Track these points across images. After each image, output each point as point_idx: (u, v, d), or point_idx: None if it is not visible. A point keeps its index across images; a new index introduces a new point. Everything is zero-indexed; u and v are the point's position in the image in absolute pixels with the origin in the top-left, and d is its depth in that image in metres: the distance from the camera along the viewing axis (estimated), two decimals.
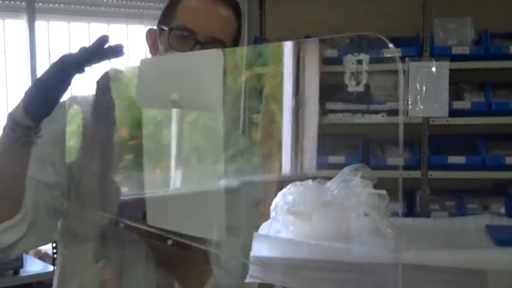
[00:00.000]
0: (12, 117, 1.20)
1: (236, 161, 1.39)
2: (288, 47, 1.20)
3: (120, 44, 1.21)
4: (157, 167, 1.08)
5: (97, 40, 1.20)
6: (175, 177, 1.01)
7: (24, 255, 3.17)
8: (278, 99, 1.35)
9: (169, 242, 1.09)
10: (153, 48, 1.50)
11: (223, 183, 0.98)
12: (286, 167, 1.17)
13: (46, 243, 1.49)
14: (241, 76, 1.19)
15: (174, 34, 1.41)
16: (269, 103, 1.51)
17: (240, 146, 1.45)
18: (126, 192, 1.13)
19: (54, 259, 3.23)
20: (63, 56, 1.19)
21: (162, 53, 1.43)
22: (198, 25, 1.40)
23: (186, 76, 1.01)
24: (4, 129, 1.22)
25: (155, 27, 1.50)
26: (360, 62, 0.90)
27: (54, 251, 3.24)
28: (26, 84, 3.60)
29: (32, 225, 1.28)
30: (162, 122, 1.07)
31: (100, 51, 1.20)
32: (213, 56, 0.97)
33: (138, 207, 1.11)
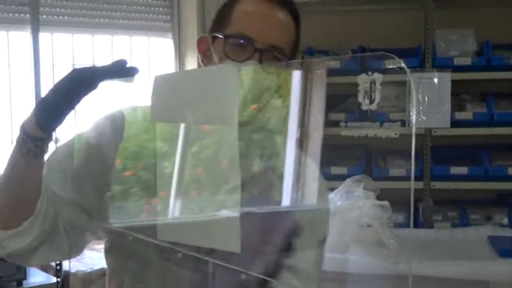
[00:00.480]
0: (23, 129, 1.21)
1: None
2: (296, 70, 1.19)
3: (135, 67, 1.21)
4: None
5: (116, 61, 1.20)
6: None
7: (27, 267, 3.18)
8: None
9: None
10: (206, 57, 1.39)
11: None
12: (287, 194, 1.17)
13: (62, 257, 1.46)
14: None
15: (229, 42, 1.31)
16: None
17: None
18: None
19: (57, 271, 3.23)
20: (75, 70, 1.20)
21: (216, 62, 1.33)
22: (256, 31, 1.30)
23: (200, 92, 1.01)
24: (17, 140, 1.22)
25: (207, 35, 1.39)
26: (373, 81, 0.92)
27: (58, 262, 3.24)
28: (30, 95, 3.62)
29: (46, 236, 1.28)
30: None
31: (116, 70, 1.20)
32: (227, 71, 0.97)
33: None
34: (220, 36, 1.32)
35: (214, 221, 1.01)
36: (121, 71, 1.20)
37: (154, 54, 4.18)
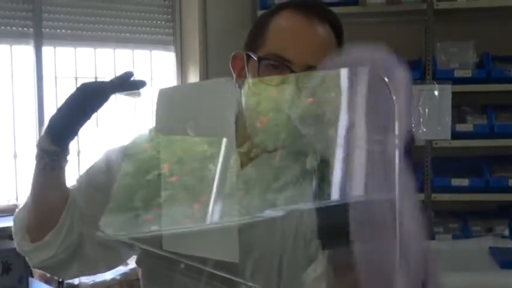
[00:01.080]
0: (39, 145, 1.24)
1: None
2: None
3: (143, 80, 1.26)
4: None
5: (123, 74, 1.23)
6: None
7: (30, 279, 3.19)
8: None
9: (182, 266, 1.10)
10: (240, 75, 1.30)
11: None
12: None
13: (93, 271, 1.46)
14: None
15: (264, 63, 1.23)
16: None
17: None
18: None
19: (59, 283, 3.24)
20: (85, 84, 1.23)
21: None
22: (292, 52, 1.21)
23: (200, 105, 1.03)
24: (35, 157, 1.26)
25: (241, 52, 1.31)
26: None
27: None
28: (32, 109, 3.64)
29: (74, 250, 1.30)
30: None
31: (125, 82, 1.23)
32: (226, 85, 0.99)
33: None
34: (254, 57, 1.24)
35: (213, 230, 1.02)
36: (129, 84, 1.23)
37: (156, 68, 4.20)
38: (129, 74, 1.24)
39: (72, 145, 1.29)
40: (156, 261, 1.29)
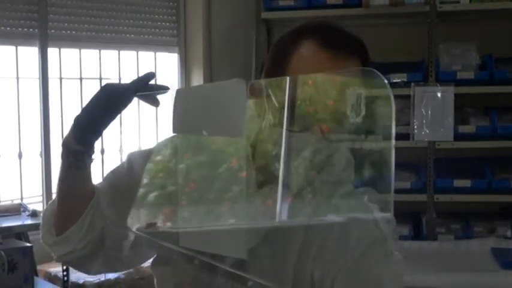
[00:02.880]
0: (64, 145, 1.27)
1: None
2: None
3: (166, 86, 1.28)
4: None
5: (145, 75, 1.27)
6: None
7: (35, 278, 3.21)
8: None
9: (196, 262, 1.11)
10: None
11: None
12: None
13: (115, 269, 1.49)
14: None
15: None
16: None
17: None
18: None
19: (64, 282, 3.27)
20: (108, 84, 1.26)
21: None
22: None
23: (213, 105, 1.06)
24: (61, 156, 1.29)
25: (261, 82, 1.14)
26: (359, 96, 0.91)
27: (65, 273, 3.27)
28: (37, 109, 3.67)
29: (95, 247, 1.33)
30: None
31: (147, 84, 1.27)
32: (237, 86, 1.01)
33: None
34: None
35: (222, 228, 1.03)
36: (151, 86, 1.27)
37: (160, 69, 4.23)
38: (151, 75, 1.27)
39: (97, 144, 1.32)
40: (168, 268, 1.32)
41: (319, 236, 1.14)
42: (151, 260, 1.41)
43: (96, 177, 1.39)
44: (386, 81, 0.92)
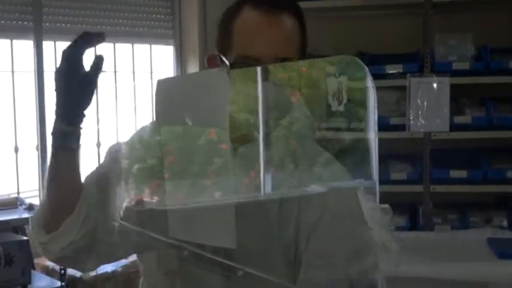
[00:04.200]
0: (52, 131, 1.27)
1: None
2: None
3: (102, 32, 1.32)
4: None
5: (83, 34, 1.29)
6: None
7: (32, 271, 3.21)
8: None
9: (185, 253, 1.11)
10: None
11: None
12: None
13: (111, 259, 1.47)
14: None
15: (236, 66, 1.24)
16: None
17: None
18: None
19: (61, 275, 3.27)
20: (62, 53, 1.26)
21: None
22: (260, 49, 1.25)
23: (196, 95, 1.05)
24: (51, 147, 1.29)
25: (216, 53, 1.33)
26: (340, 83, 0.93)
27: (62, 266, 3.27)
28: (33, 102, 3.66)
29: (90, 239, 1.31)
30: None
31: (88, 39, 1.29)
32: (219, 76, 1.01)
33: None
34: (226, 62, 1.27)
35: (211, 216, 1.03)
36: (92, 38, 1.30)
37: (156, 61, 4.22)
38: (87, 32, 1.30)
39: (91, 138, 1.33)
40: (155, 257, 1.33)
41: (301, 204, 1.25)
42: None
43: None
44: (367, 69, 0.93)
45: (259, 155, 0.98)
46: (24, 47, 3.68)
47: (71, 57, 1.26)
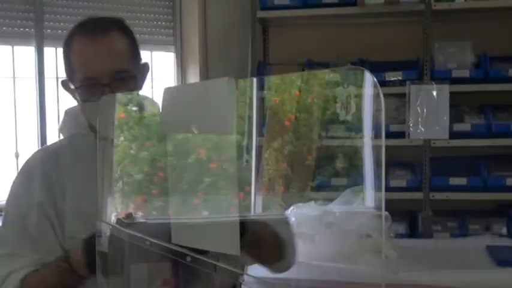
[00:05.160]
0: (72, 265, 1.31)
1: None
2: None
3: None
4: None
5: None
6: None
7: None
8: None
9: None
10: (75, 97, 1.54)
11: None
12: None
13: None
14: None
15: (80, 88, 1.46)
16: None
17: None
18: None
19: None
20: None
21: (81, 104, 1.48)
22: (94, 70, 1.43)
23: (202, 103, 1.07)
24: (59, 269, 1.34)
25: (65, 79, 1.56)
26: (349, 94, 0.93)
27: None
28: (34, 109, 3.67)
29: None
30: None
31: None
32: (226, 85, 1.02)
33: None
34: (72, 87, 1.49)
35: (215, 224, 1.05)
36: None
37: (156, 68, 4.23)
38: None
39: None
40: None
41: None
42: None
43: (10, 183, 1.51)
44: (375, 79, 0.94)
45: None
46: (26, 53, 3.69)
47: None
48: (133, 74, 1.47)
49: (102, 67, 1.42)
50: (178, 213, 1.12)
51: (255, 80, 1.03)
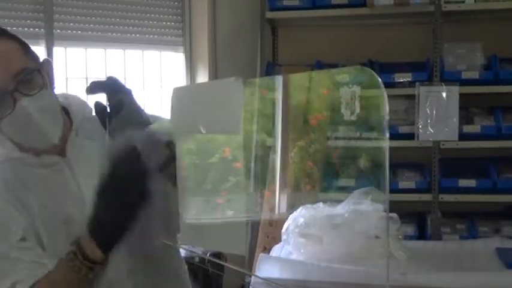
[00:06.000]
0: (81, 250, 1.21)
1: None
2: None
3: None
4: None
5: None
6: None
7: None
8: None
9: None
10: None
11: None
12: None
13: None
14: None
15: None
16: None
17: None
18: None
19: None
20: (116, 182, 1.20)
21: None
22: None
23: (210, 103, 1.07)
24: (69, 257, 1.22)
25: None
26: (354, 93, 0.93)
27: None
28: None
29: None
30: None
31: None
32: (234, 85, 1.03)
33: None
34: None
35: (221, 224, 1.05)
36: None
37: (165, 68, 4.23)
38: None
39: None
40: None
41: None
42: None
43: None
44: (380, 79, 0.94)
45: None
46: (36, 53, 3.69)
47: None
48: (35, 68, 1.39)
49: (1, 74, 1.33)
50: (187, 212, 1.12)
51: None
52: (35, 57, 1.45)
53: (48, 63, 1.48)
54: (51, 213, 1.37)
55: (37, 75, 1.38)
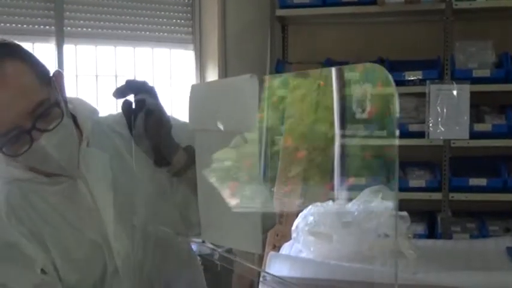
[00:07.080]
0: None
1: None
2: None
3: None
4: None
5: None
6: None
7: None
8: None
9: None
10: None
11: None
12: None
13: None
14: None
15: (4, 142, 1.23)
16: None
17: None
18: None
19: None
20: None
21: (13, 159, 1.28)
22: (10, 117, 1.20)
23: (226, 101, 1.08)
24: None
25: None
26: (365, 91, 0.92)
27: None
28: None
29: None
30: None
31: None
32: (248, 82, 1.03)
33: None
34: None
35: (237, 222, 1.05)
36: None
37: (175, 66, 4.24)
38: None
39: None
40: None
41: None
42: None
43: None
44: (391, 77, 0.94)
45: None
46: (46, 50, 3.71)
47: None
48: (53, 101, 1.25)
49: (18, 111, 1.20)
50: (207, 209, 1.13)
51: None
52: (45, 74, 1.30)
53: (59, 75, 1.36)
54: (67, 235, 1.34)
55: (54, 106, 1.26)
